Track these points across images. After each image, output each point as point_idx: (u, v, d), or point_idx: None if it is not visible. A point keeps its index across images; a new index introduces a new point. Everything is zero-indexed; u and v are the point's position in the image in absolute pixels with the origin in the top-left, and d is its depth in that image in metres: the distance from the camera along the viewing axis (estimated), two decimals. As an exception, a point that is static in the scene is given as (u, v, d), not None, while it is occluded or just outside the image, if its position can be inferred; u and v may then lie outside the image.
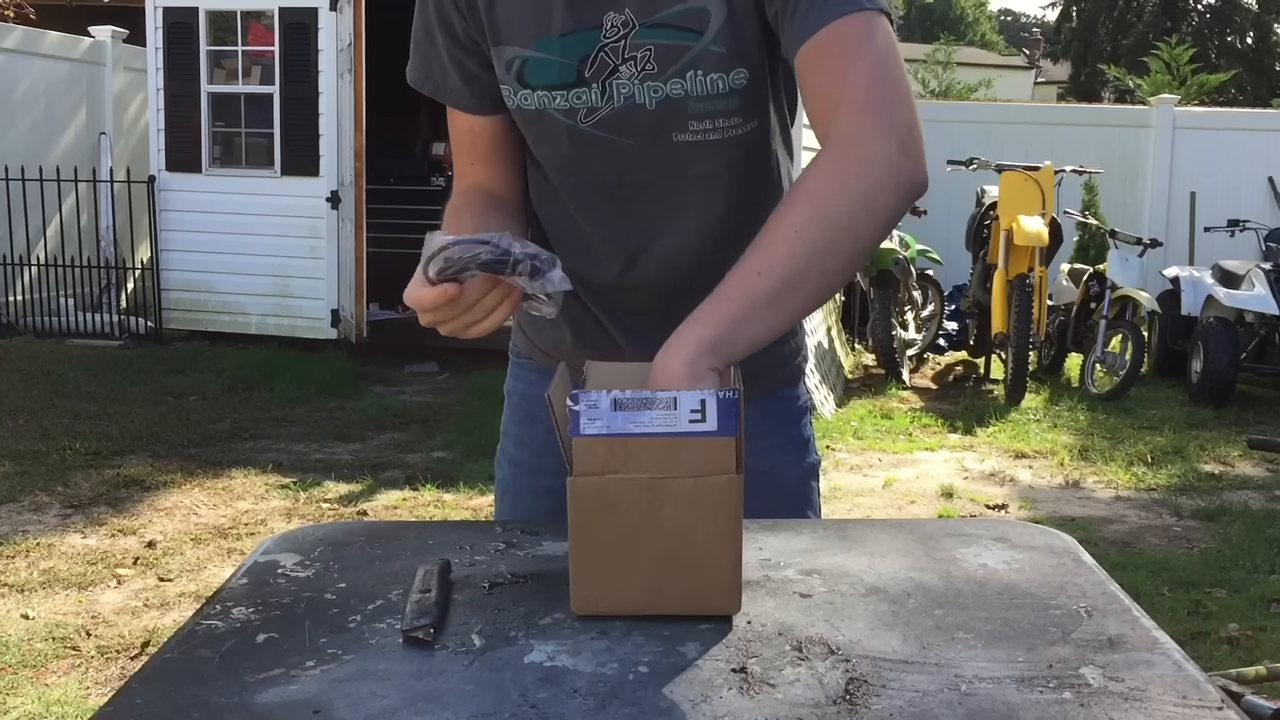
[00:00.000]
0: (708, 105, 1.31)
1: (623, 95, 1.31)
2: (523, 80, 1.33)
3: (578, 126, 1.34)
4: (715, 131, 1.33)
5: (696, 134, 1.33)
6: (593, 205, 1.40)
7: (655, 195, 1.38)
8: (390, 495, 4.88)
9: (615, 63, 1.29)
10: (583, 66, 1.30)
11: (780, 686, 0.89)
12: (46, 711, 2.94)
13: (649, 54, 1.29)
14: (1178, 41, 15.77)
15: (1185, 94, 13.28)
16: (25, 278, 8.35)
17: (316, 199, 7.63)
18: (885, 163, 1.12)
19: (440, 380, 7.35)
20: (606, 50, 1.29)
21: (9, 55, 8.54)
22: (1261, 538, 4.52)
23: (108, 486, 4.88)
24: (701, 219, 1.38)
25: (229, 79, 7.87)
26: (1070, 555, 1.19)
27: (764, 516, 1.29)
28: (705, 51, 1.28)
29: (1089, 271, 7.82)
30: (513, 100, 1.35)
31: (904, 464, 5.61)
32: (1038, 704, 0.87)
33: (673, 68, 1.29)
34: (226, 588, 1.10)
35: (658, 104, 1.31)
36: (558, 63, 1.30)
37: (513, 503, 1.56)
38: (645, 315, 1.42)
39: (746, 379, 1.34)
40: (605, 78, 1.30)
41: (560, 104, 1.32)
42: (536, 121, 1.36)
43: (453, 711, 0.86)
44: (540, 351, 1.53)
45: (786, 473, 1.51)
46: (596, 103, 1.32)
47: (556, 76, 1.31)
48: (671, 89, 1.30)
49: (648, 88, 1.30)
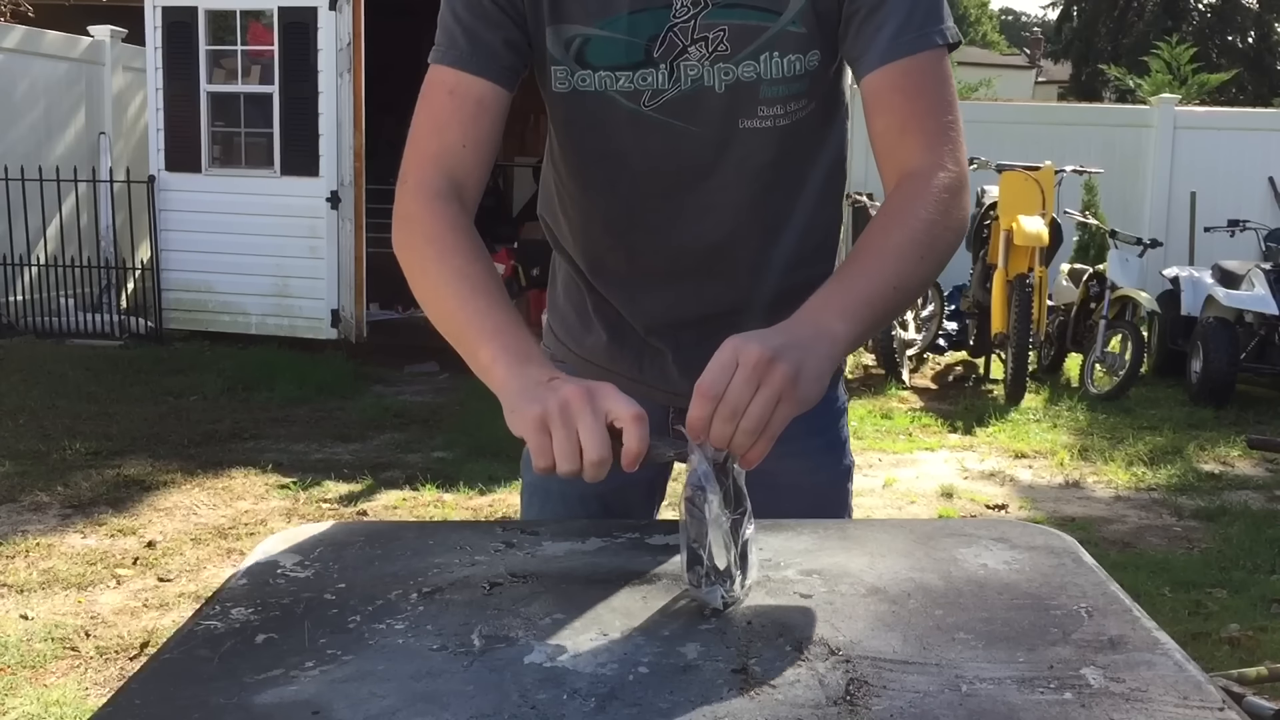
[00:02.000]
0: (780, 89, 1.28)
1: (690, 77, 1.27)
2: (582, 60, 1.27)
3: (640, 110, 1.29)
4: (785, 117, 1.30)
5: (765, 119, 1.29)
6: (641, 197, 1.35)
7: (712, 186, 1.33)
8: (390, 495, 4.88)
9: (684, 43, 1.25)
10: (651, 46, 1.25)
11: (780, 686, 0.89)
12: (45, 712, 2.94)
13: (722, 34, 1.24)
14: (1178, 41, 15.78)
15: (1186, 94, 13.29)
16: (25, 278, 8.34)
17: (316, 199, 7.63)
18: (958, 187, 1.21)
19: (440, 380, 7.35)
20: (676, 30, 1.25)
21: (9, 55, 8.54)
22: (1262, 538, 4.52)
23: (108, 486, 4.88)
24: (754, 212, 1.35)
25: (228, 79, 7.87)
26: (1070, 555, 1.19)
27: (801, 517, 1.29)
28: (783, 32, 1.25)
29: (1089, 271, 7.82)
30: (567, 83, 1.29)
31: (904, 464, 5.61)
32: (1038, 705, 0.86)
33: (747, 49, 1.25)
34: (226, 588, 1.10)
35: (727, 87, 1.27)
36: (624, 41, 1.25)
37: (541, 504, 1.53)
38: (687, 325, 1.40)
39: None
40: (674, 59, 1.26)
41: (624, 86, 1.27)
42: (591, 106, 1.29)
43: (453, 712, 0.85)
44: (576, 356, 1.51)
45: (824, 474, 1.50)
46: (663, 85, 1.27)
47: (623, 56, 1.26)
48: (743, 72, 1.26)
49: (718, 69, 1.26)
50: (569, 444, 0.98)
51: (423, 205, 1.23)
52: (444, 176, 1.24)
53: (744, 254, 1.38)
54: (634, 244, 1.38)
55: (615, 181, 1.35)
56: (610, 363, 1.47)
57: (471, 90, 1.26)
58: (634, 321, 1.44)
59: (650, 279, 1.40)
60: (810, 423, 1.47)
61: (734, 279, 1.40)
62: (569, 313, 1.52)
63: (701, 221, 1.35)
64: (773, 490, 1.21)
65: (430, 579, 1.11)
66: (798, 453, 1.26)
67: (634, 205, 1.36)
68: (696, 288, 1.39)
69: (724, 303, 1.40)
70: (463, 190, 1.25)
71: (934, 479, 5.33)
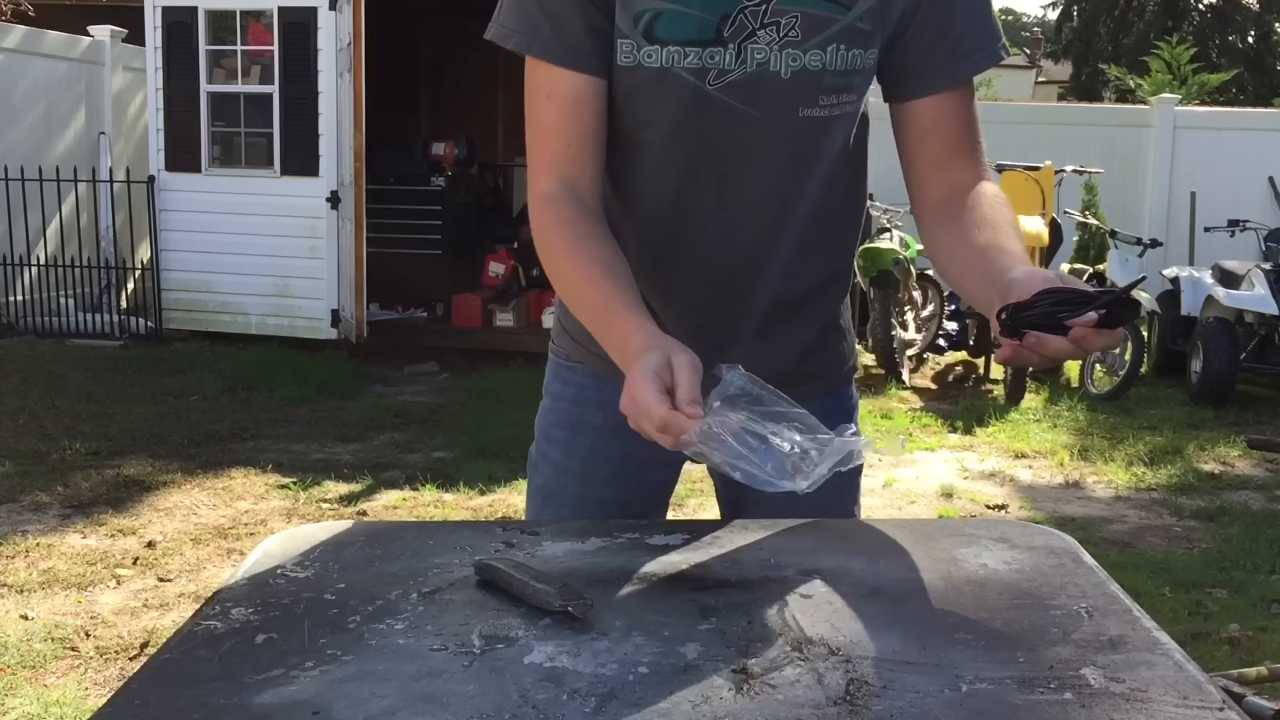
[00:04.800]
0: (840, 80, 1.30)
1: (757, 60, 1.28)
2: (650, 35, 1.28)
3: (704, 88, 1.29)
4: (839, 107, 1.32)
5: (824, 109, 1.31)
6: (693, 182, 1.35)
7: (765, 176, 1.35)
8: (390, 495, 4.88)
9: (754, 26, 1.27)
10: (722, 25, 1.27)
11: (780, 686, 0.89)
12: (45, 712, 2.94)
13: (794, 21, 1.26)
14: (1178, 41, 15.78)
15: (1186, 94, 13.29)
16: (25, 278, 8.34)
17: (316, 199, 7.63)
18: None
19: (440, 380, 7.35)
20: (746, 13, 1.26)
21: (9, 55, 8.54)
22: (1262, 538, 4.52)
23: (108, 486, 4.88)
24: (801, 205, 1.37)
25: (228, 79, 7.87)
26: (1070, 555, 1.19)
27: (815, 514, 1.29)
28: (851, 26, 1.28)
29: (1089, 271, 7.82)
30: (633, 57, 1.29)
31: (904, 464, 5.61)
32: (1038, 705, 0.86)
33: (816, 38, 1.27)
34: (226, 588, 1.10)
35: (793, 74, 1.28)
36: (697, 17, 1.27)
37: (556, 508, 1.51)
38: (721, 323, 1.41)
39: (811, 378, 1.42)
40: (742, 40, 1.27)
41: (691, 62, 1.28)
42: (653, 83, 1.30)
43: (452, 712, 0.85)
44: (595, 357, 1.46)
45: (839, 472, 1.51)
46: (729, 65, 1.28)
47: (695, 32, 1.27)
48: (810, 60, 1.28)
49: (786, 55, 1.28)
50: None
51: (541, 212, 1.31)
52: (556, 179, 1.30)
53: (782, 248, 1.39)
54: (678, 232, 1.38)
55: (668, 163, 1.35)
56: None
57: (568, 88, 1.29)
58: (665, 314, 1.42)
59: (688, 268, 1.40)
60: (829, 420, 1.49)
61: (764, 272, 1.40)
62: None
63: (750, 211, 1.36)
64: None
65: (430, 579, 1.11)
66: None
67: (684, 190, 1.36)
68: (730, 278, 1.40)
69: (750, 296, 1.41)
70: (577, 185, 1.30)
71: (934, 479, 5.33)
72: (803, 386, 1.26)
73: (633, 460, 1.43)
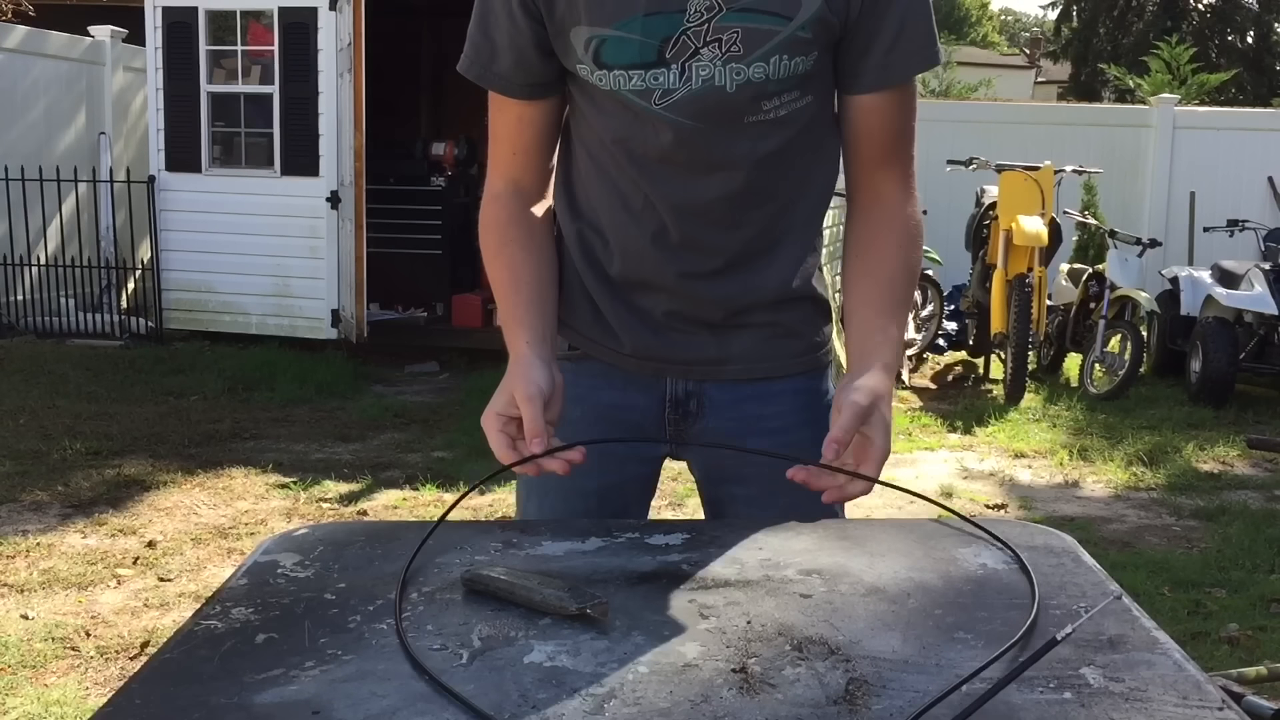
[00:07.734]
0: (783, 85, 1.33)
1: (702, 77, 1.30)
2: (599, 60, 1.32)
3: (650, 108, 1.33)
4: (784, 107, 1.35)
5: (768, 112, 1.34)
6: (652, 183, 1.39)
7: (720, 179, 1.38)
8: (390, 495, 4.88)
9: (696, 45, 1.29)
10: (664, 47, 1.29)
11: (780, 686, 0.89)
12: (46, 712, 2.94)
13: (735, 36, 1.28)
14: (1178, 41, 15.77)
15: (1185, 94, 13.28)
16: (26, 278, 8.34)
17: (316, 199, 7.63)
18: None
19: (440, 380, 7.35)
20: (688, 34, 1.29)
21: (9, 55, 8.54)
22: (1261, 537, 4.52)
23: (108, 486, 4.88)
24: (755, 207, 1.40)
25: (229, 79, 7.87)
26: (1070, 555, 1.19)
27: (801, 509, 1.30)
28: (793, 37, 1.29)
29: (1088, 271, 7.82)
30: (590, 78, 1.35)
31: (903, 464, 5.61)
32: (1038, 704, 0.86)
33: (759, 50, 1.29)
34: (226, 588, 1.10)
35: (738, 87, 1.31)
36: (638, 42, 1.30)
37: (539, 499, 1.54)
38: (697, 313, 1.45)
39: (789, 334, 1.49)
40: (686, 59, 1.30)
41: (636, 84, 1.32)
42: (608, 101, 1.35)
43: (452, 712, 0.86)
44: (593, 344, 1.51)
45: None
46: (674, 84, 1.31)
47: (636, 56, 1.30)
48: (754, 72, 1.30)
49: (730, 69, 1.30)
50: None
51: (485, 209, 1.45)
52: (503, 179, 1.45)
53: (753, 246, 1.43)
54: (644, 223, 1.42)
55: (627, 167, 1.40)
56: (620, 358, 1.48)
57: (511, 110, 1.42)
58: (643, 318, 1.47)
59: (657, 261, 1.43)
60: (804, 414, 1.51)
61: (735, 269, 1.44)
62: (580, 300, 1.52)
63: (710, 212, 1.40)
64: (774, 483, 1.25)
65: (430, 579, 1.11)
66: (798, 443, 1.33)
67: (647, 189, 1.40)
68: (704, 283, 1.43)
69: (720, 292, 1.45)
70: (522, 186, 1.44)
71: (933, 479, 5.33)
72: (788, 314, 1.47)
73: (611, 453, 1.46)
